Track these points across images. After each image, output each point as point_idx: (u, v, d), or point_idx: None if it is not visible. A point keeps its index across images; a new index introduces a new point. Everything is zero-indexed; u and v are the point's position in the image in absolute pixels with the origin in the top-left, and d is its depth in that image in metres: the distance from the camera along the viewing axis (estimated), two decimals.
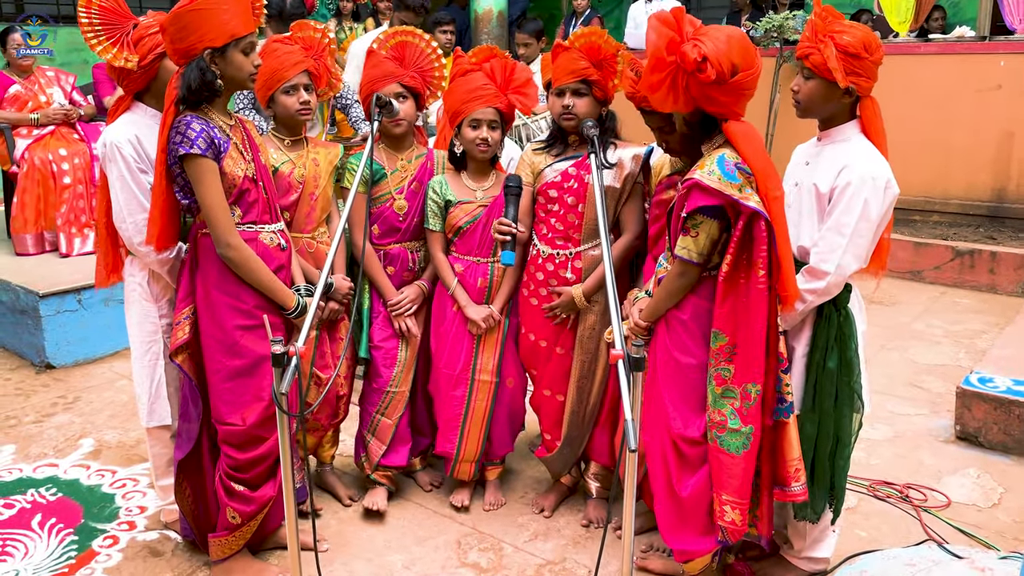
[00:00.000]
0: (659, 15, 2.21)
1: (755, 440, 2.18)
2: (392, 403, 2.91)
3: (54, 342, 4.28)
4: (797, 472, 2.25)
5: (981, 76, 6.07)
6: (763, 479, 2.27)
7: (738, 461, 2.18)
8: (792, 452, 2.24)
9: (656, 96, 2.16)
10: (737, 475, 2.18)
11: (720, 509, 2.22)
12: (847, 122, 2.33)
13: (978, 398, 3.44)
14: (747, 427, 2.17)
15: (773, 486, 2.30)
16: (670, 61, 2.11)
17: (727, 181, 2.09)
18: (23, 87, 5.11)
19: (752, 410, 2.16)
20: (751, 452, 2.18)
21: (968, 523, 2.91)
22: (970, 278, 5.69)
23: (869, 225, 2.23)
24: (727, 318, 2.16)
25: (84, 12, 2.38)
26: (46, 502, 3.08)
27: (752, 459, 2.19)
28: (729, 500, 2.21)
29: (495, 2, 8.33)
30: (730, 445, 2.19)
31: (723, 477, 2.21)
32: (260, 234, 2.45)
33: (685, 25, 2.16)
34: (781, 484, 2.28)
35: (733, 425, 2.18)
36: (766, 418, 2.21)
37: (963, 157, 6.23)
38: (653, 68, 2.14)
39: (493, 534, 2.88)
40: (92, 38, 2.40)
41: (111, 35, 2.41)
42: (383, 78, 2.74)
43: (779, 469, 2.27)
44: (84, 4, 2.38)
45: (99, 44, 2.41)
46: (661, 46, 2.12)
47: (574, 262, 2.69)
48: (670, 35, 2.14)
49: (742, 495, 2.20)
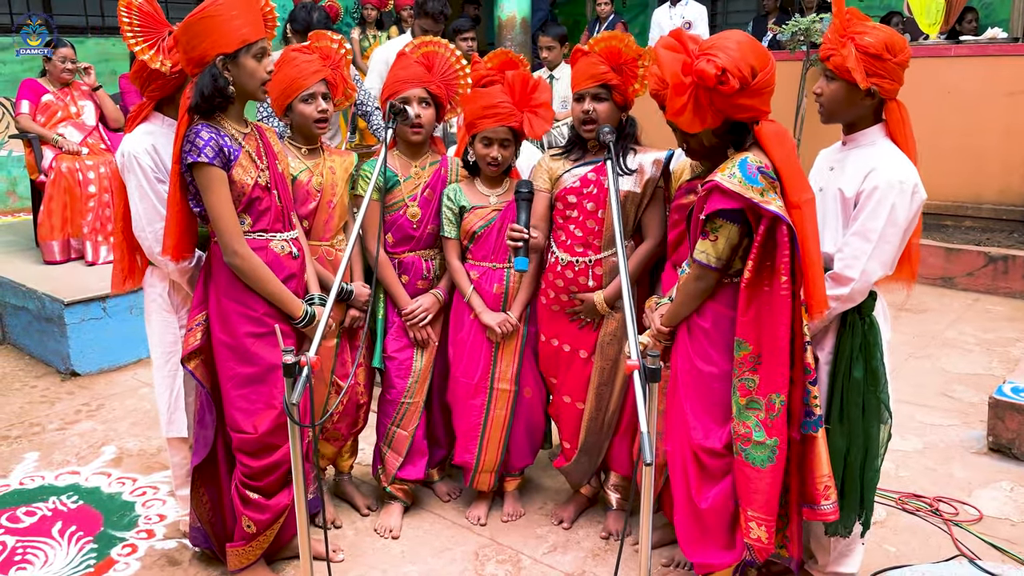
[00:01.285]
0: (662, 41, 2.19)
1: (781, 453, 2.11)
2: (407, 414, 2.88)
3: (79, 350, 4.32)
4: (827, 489, 2.16)
5: (1014, 78, 5.94)
6: (791, 497, 2.20)
7: (764, 475, 2.11)
8: (821, 468, 2.16)
9: (683, 119, 2.12)
10: (763, 489, 2.12)
11: (746, 526, 2.16)
12: (872, 126, 2.28)
13: (1012, 409, 3.34)
14: (772, 439, 2.11)
15: (802, 504, 2.22)
16: (689, 82, 2.07)
17: (748, 184, 2.04)
18: (55, 96, 5.18)
19: (777, 421, 2.10)
20: (777, 466, 2.11)
21: (1000, 538, 2.82)
22: (1004, 285, 5.55)
23: (896, 231, 2.17)
24: (750, 326, 2.11)
25: (125, 12, 2.38)
26: (67, 510, 3.09)
27: (779, 473, 2.12)
28: (755, 516, 2.14)
29: (519, 8, 8.30)
30: (755, 458, 2.12)
31: (748, 492, 2.14)
32: (271, 242, 2.44)
33: (689, 44, 2.14)
34: (810, 502, 2.20)
35: (758, 437, 2.12)
36: (793, 431, 2.14)
37: (996, 161, 6.09)
38: (675, 93, 2.10)
39: (511, 546, 2.84)
40: (131, 38, 2.39)
41: (148, 38, 2.41)
42: (410, 80, 2.73)
43: (808, 486, 2.20)
44: (125, 5, 2.38)
45: (137, 44, 2.40)
46: (676, 70, 2.09)
47: (594, 269, 2.65)
48: (680, 58, 2.11)
49: (769, 511, 2.13)
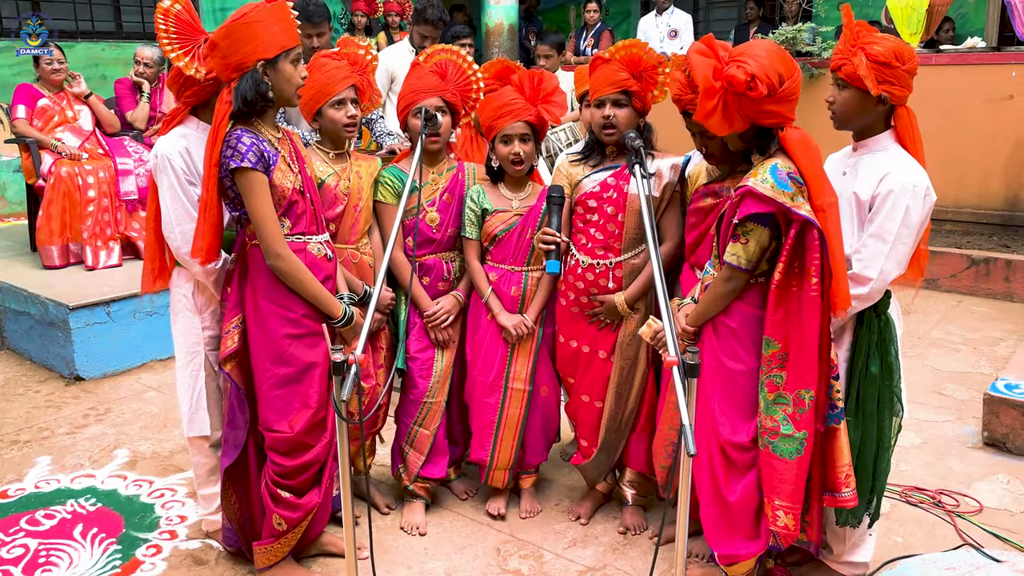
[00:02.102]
0: (694, 47, 2.27)
1: (808, 445, 2.21)
2: (429, 414, 2.94)
3: (84, 354, 4.32)
4: (848, 478, 2.27)
5: (993, 86, 6.13)
6: (813, 485, 2.30)
7: (791, 466, 2.21)
8: (843, 458, 2.27)
9: (712, 122, 2.21)
10: (790, 480, 2.22)
11: (773, 514, 2.25)
12: (882, 132, 2.37)
13: (1005, 404, 3.47)
14: (801, 432, 2.20)
15: (823, 492, 2.32)
16: (719, 87, 2.16)
17: (780, 189, 2.13)
18: (51, 101, 5.18)
19: (806, 416, 2.19)
20: (805, 457, 2.21)
21: (1001, 528, 2.94)
22: (985, 286, 5.73)
23: (910, 231, 2.26)
24: (779, 325, 2.20)
25: (162, 19, 2.41)
26: (86, 512, 3.11)
27: (805, 464, 2.22)
28: (782, 505, 2.24)
29: (506, 15, 8.40)
30: (783, 451, 2.22)
31: (775, 482, 2.24)
32: (308, 245, 2.49)
33: (720, 51, 2.23)
34: (831, 490, 2.30)
35: (786, 431, 2.21)
36: (818, 424, 2.24)
37: (976, 166, 6.28)
38: (705, 97, 2.19)
39: (532, 541, 2.91)
40: (167, 44, 2.42)
41: (184, 44, 2.45)
42: (427, 90, 2.79)
43: (829, 475, 2.30)
44: (161, 11, 2.41)
45: (173, 51, 2.43)
46: (707, 74, 2.18)
47: (615, 271, 2.73)
48: (711, 63, 2.20)
49: (795, 500, 2.23)
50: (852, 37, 2.32)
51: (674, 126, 3.05)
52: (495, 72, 2.96)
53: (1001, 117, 6.13)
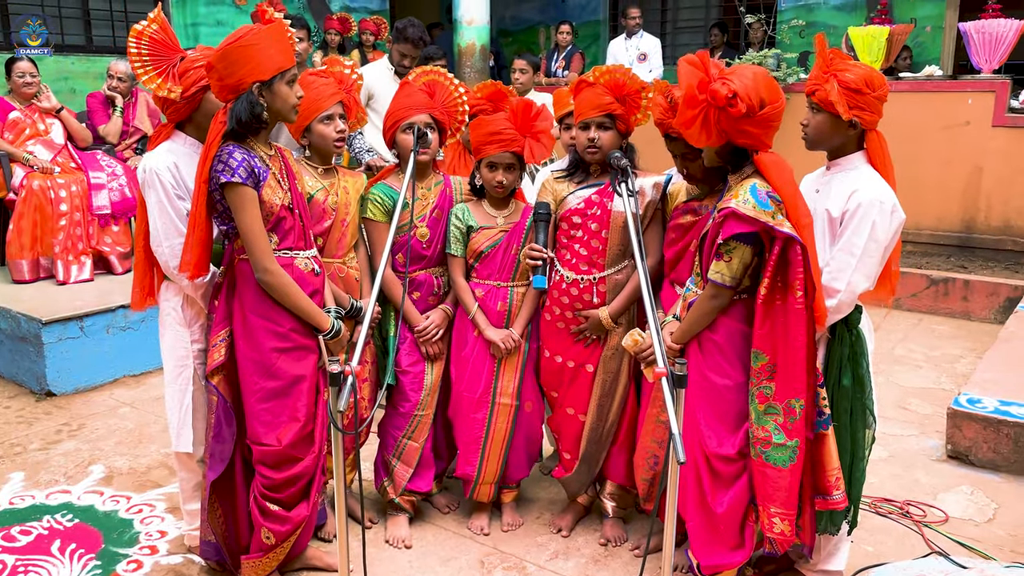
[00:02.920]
0: (688, 58, 2.36)
1: (801, 453, 2.30)
2: (419, 426, 2.97)
3: (55, 369, 4.27)
4: (838, 480, 2.37)
5: (950, 113, 6.37)
6: (805, 490, 2.38)
7: (785, 474, 2.30)
8: (832, 462, 2.36)
9: (690, 132, 2.30)
10: (784, 487, 2.30)
11: (769, 522, 2.33)
12: (854, 153, 2.48)
13: (968, 418, 3.60)
14: (793, 441, 2.29)
15: (814, 496, 2.41)
16: (702, 99, 2.25)
17: (761, 209, 2.22)
18: (23, 114, 5.13)
19: (797, 424, 2.28)
20: (798, 464, 2.30)
21: (967, 537, 3.05)
22: (945, 305, 5.92)
23: (877, 246, 2.36)
24: (766, 338, 2.29)
25: (134, 43, 2.44)
26: (63, 528, 3.07)
27: (799, 471, 2.31)
28: (778, 512, 2.32)
29: (478, 36, 8.51)
30: (776, 459, 2.30)
31: (769, 490, 2.32)
32: (296, 260, 2.52)
33: (711, 67, 2.32)
34: (823, 493, 2.39)
35: (778, 440, 2.29)
36: (808, 432, 2.32)
37: (934, 190, 6.50)
38: (687, 104, 2.28)
39: (515, 553, 2.95)
40: (139, 67, 2.46)
41: (157, 65, 2.48)
42: (416, 107, 2.85)
43: (820, 479, 2.39)
44: (135, 34, 2.44)
45: (145, 73, 2.47)
46: (693, 85, 2.27)
47: (599, 286, 2.80)
48: (700, 75, 2.29)
49: (790, 506, 2.31)
50: (825, 64, 2.43)
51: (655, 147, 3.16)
52: (487, 94, 3.02)
53: (958, 143, 6.36)
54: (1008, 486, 3.43)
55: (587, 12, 11.32)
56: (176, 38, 2.53)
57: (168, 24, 2.53)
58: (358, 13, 9.82)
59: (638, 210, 2.75)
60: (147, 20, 2.48)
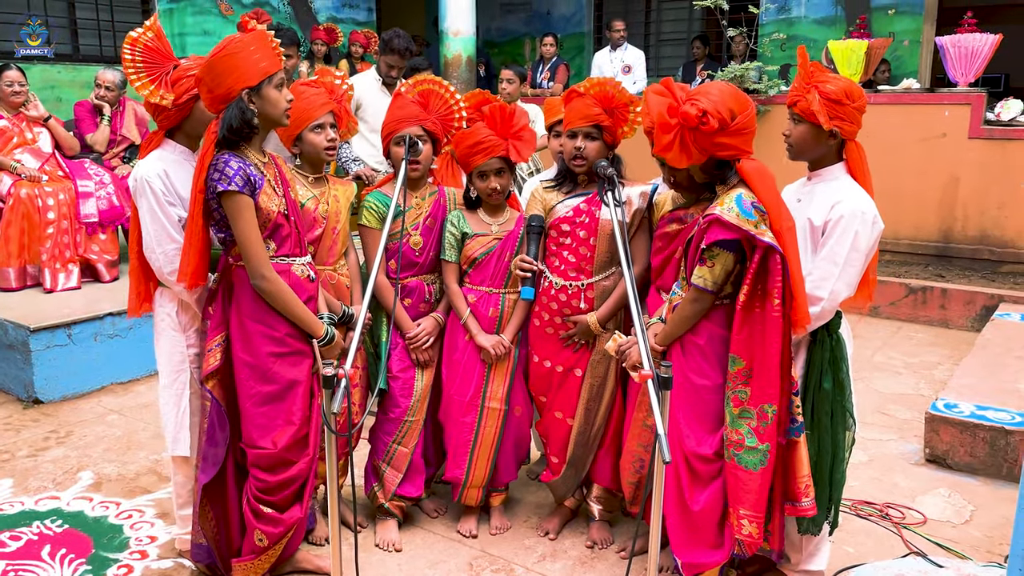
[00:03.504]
0: (653, 88, 2.46)
1: (771, 457, 2.37)
2: (409, 432, 3.02)
3: (43, 377, 4.27)
4: (807, 488, 2.42)
5: (927, 125, 6.50)
6: (775, 495, 2.45)
7: (755, 477, 2.36)
8: (803, 469, 2.42)
9: (671, 156, 2.39)
10: (754, 490, 2.36)
11: (738, 523, 2.39)
12: (835, 163, 2.56)
13: (945, 423, 3.69)
14: (764, 445, 2.35)
15: (784, 502, 2.47)
16: (674, 123, 2.34)
17: (744, 217, 2.29)
18: (10, 123, 5.13)
19: (768, 429, 2.35)
20: (768, 468, 2.37)
21: (944, 538, 3.12)
22: (923, 313, 6.03)
23: (859, 255, 2.44)
24: (744, 344, 2.35)
25: (128, 49, 2.49)
26: (53, 533, 3.08)
27: (768, 475, 2.37)
28: (747, 514, 2.38)
29: (464, 47, 8.59)
30: (748, 462, 2.37)
31: (740, 492, 2.38)
32: (292, 266, 2.57)
33: (677, 91, 2.41)
34: (792, 500, 2.45)
35: (750, 443, 2.36)
36: (779, 437, 2.39)
37: (912, 200, 6.63)
38: (661, 131, 2.37)
39: (503, 556, 2.99)
40: (132, 74, 2.51)
41: (151, 73, 2.52)
42: (407, 119, 2.90)
43: (790, 485, 2.45)
44: (130, 42, 2.49)
45: (138, 80, 2.51)
46: (663, 112, 2.36)
47: (587, 292, 2.86)
48: (668, 101, 2.39)
49: (759, 509, 2.37)
50: (807, 76, 2.51)
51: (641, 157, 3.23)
52: (475, 103, 3.08)
53: (935, 154, 6.50)
54: (984, 488, 3.51)
55: (572, 24, 11.44)
56: (170, 47, 2.57)
57: (163, 33, 2.58)
58: (345, 24, 9.89)
59: (625, 219, 2.82)
60: (143, 28, 2.53)
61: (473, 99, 3.20)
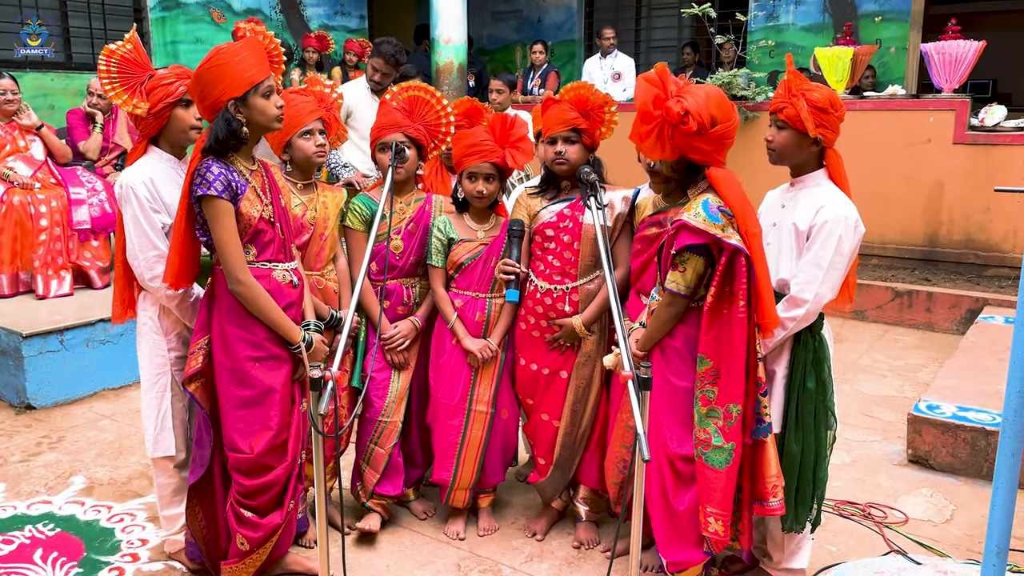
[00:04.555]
0: (646, 76, 2.49)
1: (736, 456, 2.42)
2: (384, 433, 3.05)
3: (36, 383, 4.30)
4: (775, 488, 2.47)
5: (913, 131, 6.58)
6: (744, 496, 2.50)
7: (720, 475, 2.41)
8: (770, 469, 2.47)
9: (645, 145, 2.44)
10: (720, 488, 2.41)
11: (705, 520, 2.44)
12: (816, 170, 2.61)
13: (927, 424, 3.74)
14: (729, 444, 2.41)
15: (753, 502, 2.52)
16: (656, 115, 2.38)
17: (711, 222, 2.35)
18: (2, 130, 5.17)
19: (733, 428, 2.41)
20: (733, 467, 2.42)
21: (925, 536, 3.17)
22: (909, 317, 6.10)
23: (842, 259, 2.50)
24: (711, 344, 2.41)
25: (104, 60, 2.55)
26: (45, 537, 3.11)
27: (734, 473, 2.43)
28: (713, 512, 2.43)
29: (455, 55, 8.65)
30: (714, 461, 2.42)
31: (707, 490, 2.43)
32: (274, 271, 2.60)
33: (669, 83, 2.44)
34: (760, 499, 2.50)
35: (716, 442, 2.42)
36: (746, 437, 2.44)
37: (898, 205, 6.70)
38: (641, 120, 2.42)
39: (490, 557, 3.03)
40: (107, 84, 2.57)
41: (126, 83, 2.58)
42: (389, 126, 2.96)
43: (758, 485, 2.50)
44: (107, 54, 2.55)
45: (112, 90, 2.57)
46: (648, 101, 2.40)
47: (571, 296, 2.91)
48: (655, 92, 2.42)
49: (724, 507, 2.43)
50: (792, 84, 2.55)
51: (624, 161, 3.28)
52: (464, 111, 3.13)
53: (920, 160, 6.57)
54: (965, 488, 3.56)
55: (563, 32, 11.52)
56: (147, 58, 2.62)
57: (141, 45, 2.64)
58: (337, 32, 9.94)
59: (607, 222, 2.87)
60: (123, 40, 2.58)
61: (461, 107, 3.26)
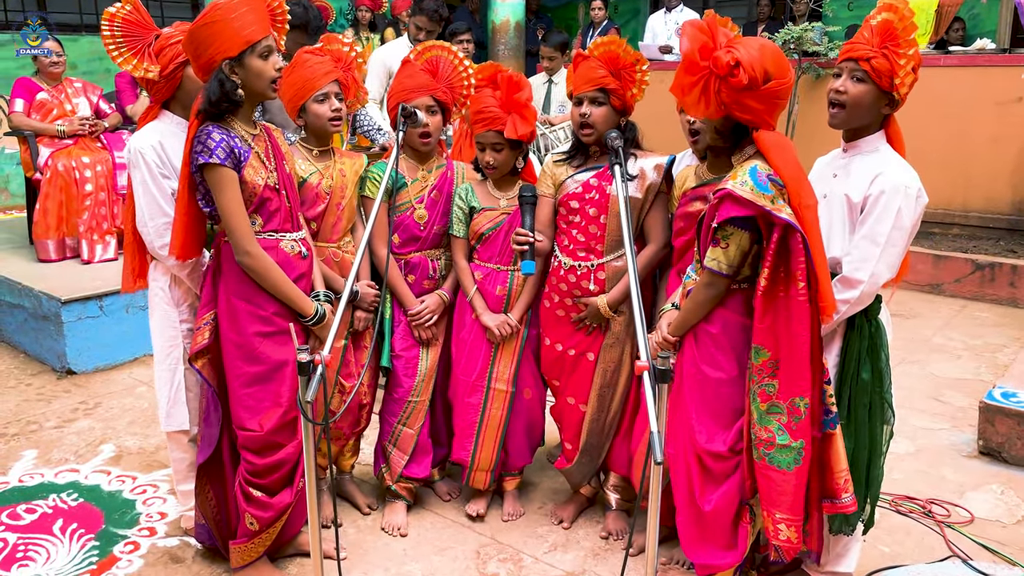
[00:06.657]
0: (694, 22, 2.21)
1: (807, 454, 2.14)
2: (413, 413, 2.91)
3: (75, 348, 4.32)
4: (846, 483, 2.21)
5: (1001, 88, 6.04)
6: (812, 493, 2.23)
7: (789, 477, 2.14)
8: (840, 463, 2.20)
9: (687, 99, 2.16)
10: (789, 491, 2.15)
11: (775, 528, 2.18)
12: (875, 133, 2.32)
13: (1001, 413, 3.41)
14: (798, 442, 2.13)
15: (822, 499, 2.26)
16: (703, 66, 2.11)
17: (760, 192, 2.08)
18: (50, 95, 5.18)
19: (802, 424, 2.13)
20: (803, 467, 2.14)
21: (992, 539, 2.88)
22: (990, 292, 5.65)
23: (901, 234, 2.21)
24: (767, 333, 2.13)
25: (107, 24, 2.43)
26: (67, 507, 3.10)
27: (804, 474, 2.15)
28: (784, 518, 2.17)
29: (512, 12, 8.36)
30: (780, 462, 2.15)
31: (774, 495, 2.17)
32: (281, 242, 2.47)
33: (719, 34, 2.16)
34: (831, 496, 2.24)
35: (782, 441, 2.14)
36: (814, 431, 2.18)
37: (983, 170, 6.19)
38: (686, 71, 2.14)
39: (512, 544, 2.88)
40: (113, 50, 2.45)
41: (132, 46, 2.46)
42: (416, 89, 2.76)
43: (828, 481, 2.23)
44: (108, 17, 2.43)
45: (120, 55, 2.46)
46: (695, 50, 2.13)
47: (596, 273, 2.68)
48: (703, 40, 2.14)
49: (796, 512, 2.16)
50: (900, 33, 2.20)
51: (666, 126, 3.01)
52: (486, 76, 2.91)
53: (1009, 120, 6.04)
54: None
55: None
56: (150, 17, 2.49)
57: (141, 4, 2.50)
58: None
59: (633, 193, 2.63)
60: (120, 2, 2.45)
61: (484, 71, 3.03)
